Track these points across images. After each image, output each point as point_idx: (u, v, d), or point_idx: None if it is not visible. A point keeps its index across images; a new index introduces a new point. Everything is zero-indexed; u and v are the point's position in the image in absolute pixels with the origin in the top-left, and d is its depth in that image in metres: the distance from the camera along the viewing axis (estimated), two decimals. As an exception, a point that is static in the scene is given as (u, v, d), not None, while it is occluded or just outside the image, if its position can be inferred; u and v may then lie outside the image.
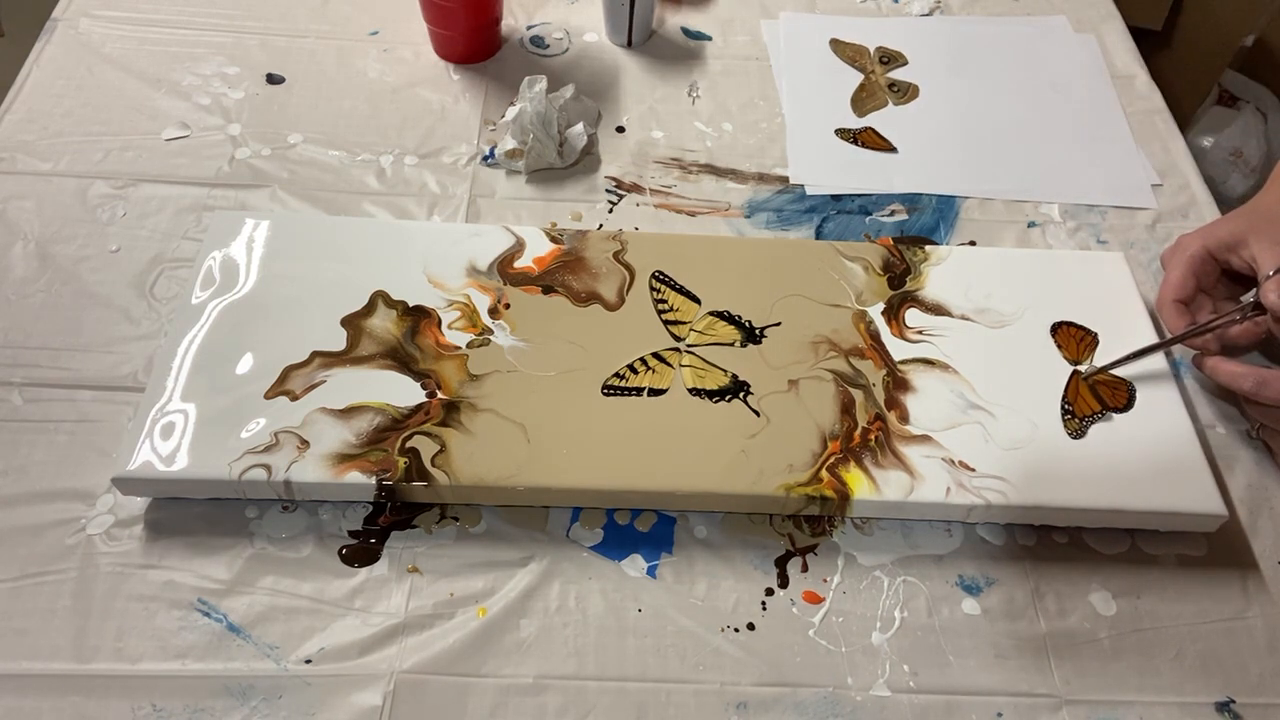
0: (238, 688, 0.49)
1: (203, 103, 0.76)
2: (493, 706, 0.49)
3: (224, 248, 0.63)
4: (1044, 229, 0.73)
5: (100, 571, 0.52)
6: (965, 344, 0.62)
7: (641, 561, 0.55)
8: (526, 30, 0.85)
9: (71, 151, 0.72)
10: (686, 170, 0.75)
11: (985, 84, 0.83)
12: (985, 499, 0.54)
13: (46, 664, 0.49)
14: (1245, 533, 0.57)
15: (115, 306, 0.63)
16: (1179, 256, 0.63)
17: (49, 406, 0.59)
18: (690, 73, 0.83)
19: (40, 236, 0.67)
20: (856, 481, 0.55)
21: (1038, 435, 0.57)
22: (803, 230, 0.72)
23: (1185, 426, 0.58)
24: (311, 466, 0.53)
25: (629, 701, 0.50)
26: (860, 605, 0.53)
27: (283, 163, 0.73)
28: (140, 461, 0.53)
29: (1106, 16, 0.90)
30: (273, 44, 0.82)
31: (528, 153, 0.72)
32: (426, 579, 0.53)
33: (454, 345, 0.59)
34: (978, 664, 0.52)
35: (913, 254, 0.66)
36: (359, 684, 0.50)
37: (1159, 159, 0.78)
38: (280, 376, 0.57)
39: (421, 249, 0.64)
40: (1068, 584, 0.55)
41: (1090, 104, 0.82)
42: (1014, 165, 0.77)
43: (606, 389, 0.58)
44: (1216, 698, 0.51)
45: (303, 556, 0.54)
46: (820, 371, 0.60)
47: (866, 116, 0.80)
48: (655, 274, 0.64)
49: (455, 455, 0.54)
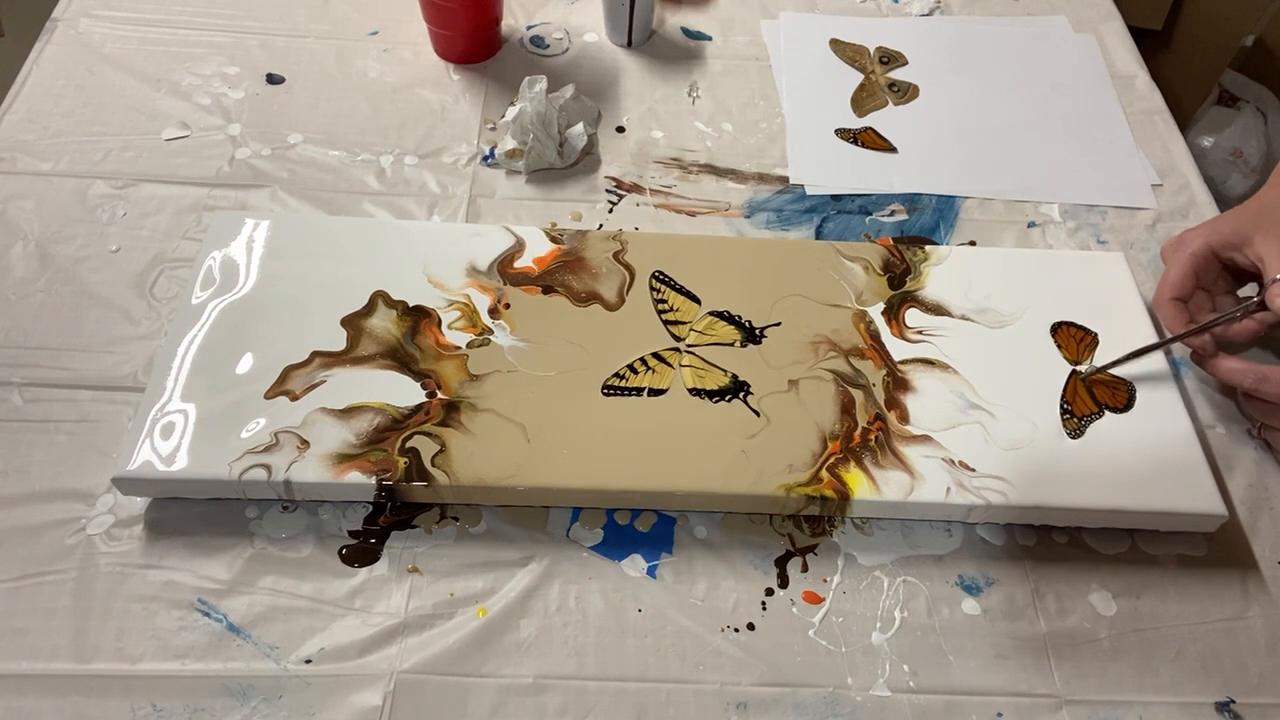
0: (238, 688, 0.49)
1: (203, 103, 0.76)
2: (493, 706, 0.49)
3: (224, 248, 0.63)
4: (1044, 229, 0.73)
5: (100, 571, 0.52)
6: (965, 344, 0.62)
7: (641, 561, 0.55)
8: (526, 30, 0.85)
9: (71, 151, 0.72)
10: (686, 170, 0.75)
11: (985, 84, 0.83)
12: (985, 499, 0.54)
13: (46, 664, 0.49)
14: (1245, 533, 0.57)
15: (115, 306, 0.63)
16: (1180, 254, 0.62)
17: (49, 406, 0.59)
18: (690, 73, 0.83)
19: (40, 236, 0.67)
20: (856, 481, 0.55)
21: (1038, 435, 0.57)
22: (803, 230, 0.72)
23: (1185, 426, 0.58)
24: (311, 466, 0.53)
25: (629, 701, 0.50)
26: (860, 605, 0.54)
27: (283, 163, 0.73)
28: (140, 461, 0.53)
29: (1106, 16, 0.90)
30: (273, 44, 0.82)
31: (528, 153, 0.72)
32: (426, 579, 0.53)
33: (454, 345, 0.59)
34: (978, 664, 0.52)
35: (913, 254, 0.66)
36: (359, 684, 0.50)
37: (1159, 159, 0.78)
38: (280, 376, 0.57)
39: (421, 249, 0.64)
40: (1068, 584, 0.55)
41: (1090, 104, 0.82)
42: (1014, 165, 0.77)
43: (606, 389, 0.58)
44: (1216, 698, 0.51)
45: (303, 556, 0.54)
46: (820, 371, 0.60)
47: (866, 116, 0.80)
48: (655, 274, 0.64)
49: (455, 455, 0.54)
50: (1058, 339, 0.62)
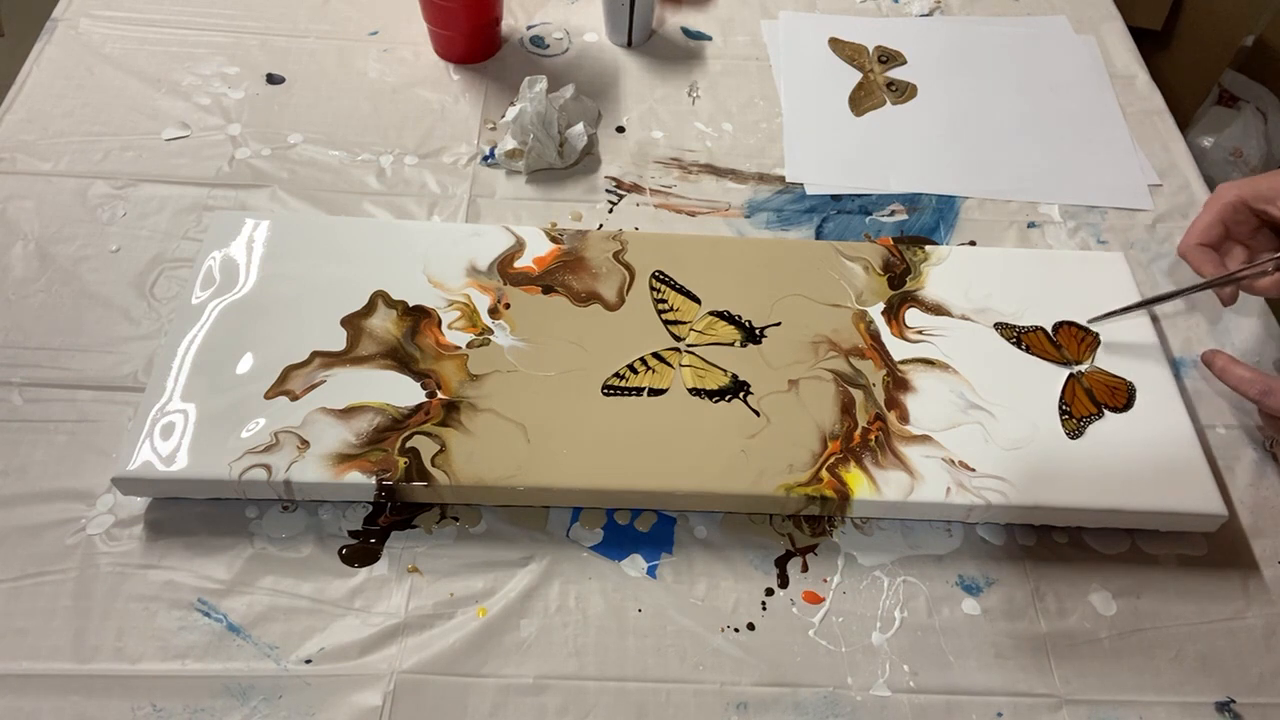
0: (238, 688, 0.49)
1: (203, 103, 0.76)
2: (493, 706, 0.49)
3: (224, 248, 0.63)
4: (1044, 229, 0.73)
5: (100, 571, 0.52)
6: (965, 344, 0.62)
7: (641, 561, 0.55)
8: (526, 30, 0.85)
9: (71, 151, 0.72)
10: (686, 170, 0.75)
11: (985, 84, 0.83)
12: (985, 499, 0.54)
13: (46, 664, 0.49)
14: (1245, 533, 0.57)
15: (115, 306, 0.63)
16: (1212, 203, 0.61)
17: (49, 406, 0.59)
18: (690, 73, 0.83)
19: (40, 236, 0.67)
20: (856, 481, 0.55)
21: (1038, 435, 0.57)
22: (803, 230, 0.72)
23: (1185, 426, 0.58)
24: (311, 466, 0.53)
25: (629, 701, 0.50)
26: (860, 605, 0.53)
27: (283, 163, 0.73)
28: (140, 461, 0.53)
29: (1106, 16, 0.90)
30: (273, 44, 0.82)
31: (528, 153, 0.72)
32: (426, 579, 0.53)
33: (454, 345, 0.59)
34: (978, 664, 0.52)
35: (913, 254, 0.66)
36: (359, 684, 0.50)
37: (1159, 159, 0.78)
38: (280, 376, 0.57)
39: (421, 249, 0.64)
40: (1068, 584, 0.55)
41: (1090, 104, 0.82)
42: (1014, 165, 0.77)
43: (606, 389, 0.58)
44: (1216, 698, 0.51)
45: (303, 556, 0.54)
46: (820, 371, 0.60)
47: (864, 116, 0.80)
48: (655, 274, 0.64)
49: (455, 455, 0.54)
50: (1058, 338, 0.62)
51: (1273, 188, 0.59)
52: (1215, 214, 0.60)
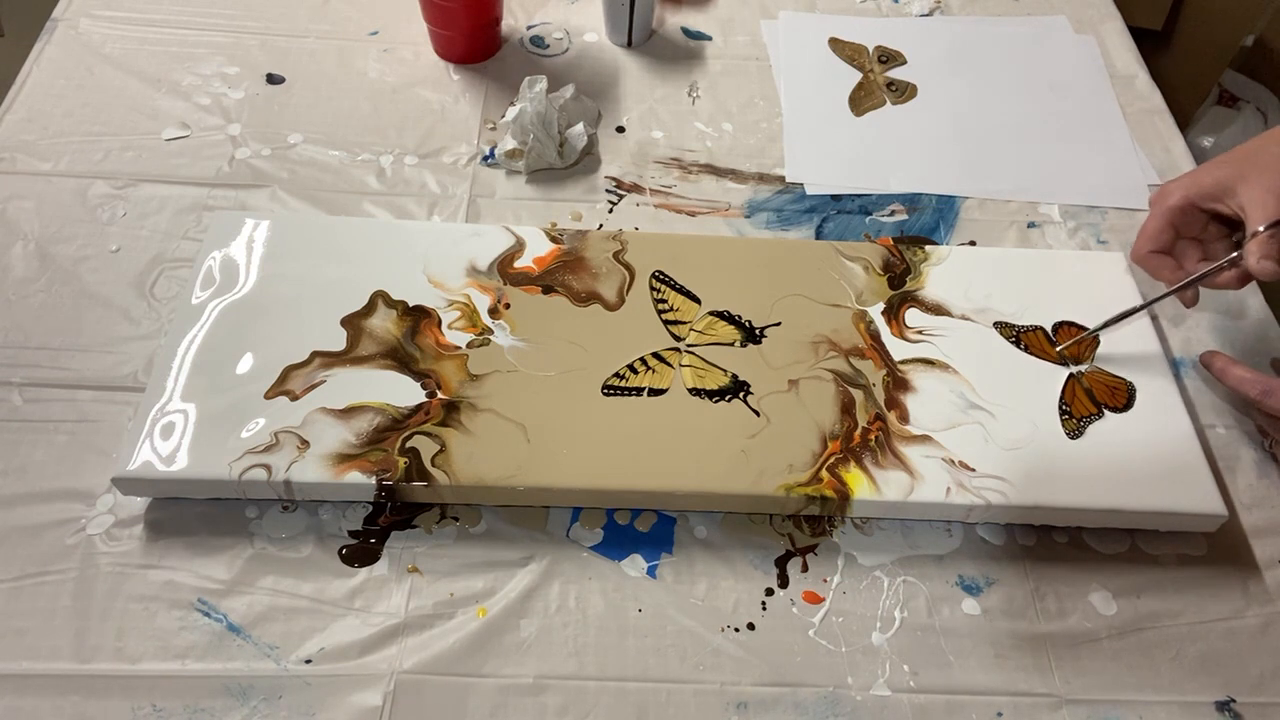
0: (238, 688, 0.49)
1: (203, 103, 0.76)
2: (493, 707, 0.49)
3: (224, 248, 0.63)
4: (1044, 229, 0.73)
5: (100, 571, 0.52)
6: (965, 344, 0.62)
7: (641, 561, 0.55)
8: (526, 30, 0.85)
9: (71, 151, 0.72)
10: (686, 170, 0.75)
11: (985, 84, 0.83)
12: (985, 499, 0.54)
13: (46, 664, 0.49)
14: (1245, 533, 0.57)
15: (115, 306, 0.63)
16: (1157, 207, 0.60)
17: (49, 406, 0.58)
18: (690, 73, 0.83)
19: (40, 236, 0.67)
20: (856, 481, 0.55)
21: (1038, 435, 0.57)
22: (803, 230, 0.72)
23: (1185, 426, 0.58)
24: (311, 466, 0.53)
25: (629, 701, 0.50)
26: (860, 605, 0.53)
27: (283, 163, 0.73)
28: (140, 461, 0.53)
29: (1106, 16, 0.90)
30: (273, 44, 0.82)
31: (528, 153, 0.72)
32: (426, 579, 0.53)
33: (454, 345, 0.59)
34: (978, 664, 0.52)
35: (913, 254, 0.66)
36: (359, 684, 0.50)
37: (1159, 159, 0.78)
38: (280, 376, 0.57)
39: (421, 249, 0.64)
40: (1068, 584, 0.55)
41: (1090, 104, 0.82)
42: (1014, 165, 0.77)
43: (606, 389, 0.58)
44: (1216, 697, 0.51)
45: (303, 556, 0.54)
46: (820, 371, 0.60)
47: (864, 116, 0.80)
48: (655, 274, 0.64)
49: (455, 455, 0.54)
50: (1058, 338, 0.62)
51: (1218, 183, 0.58)
52: (1164, 219, 0.59)
